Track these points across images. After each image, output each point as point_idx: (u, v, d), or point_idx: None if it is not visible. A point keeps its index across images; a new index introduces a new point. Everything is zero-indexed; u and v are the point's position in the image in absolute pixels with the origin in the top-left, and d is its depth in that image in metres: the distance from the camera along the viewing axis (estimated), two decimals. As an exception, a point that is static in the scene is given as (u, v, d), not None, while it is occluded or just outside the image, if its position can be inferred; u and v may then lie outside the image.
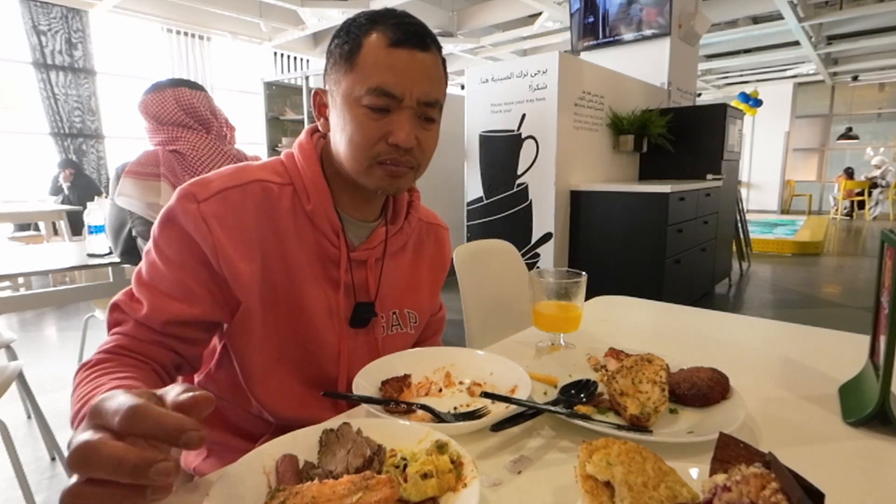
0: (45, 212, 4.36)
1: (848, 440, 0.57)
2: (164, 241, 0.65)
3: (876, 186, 10.10)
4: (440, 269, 0.90)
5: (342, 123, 0.67)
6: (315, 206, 0.70)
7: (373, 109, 0.65)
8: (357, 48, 0.65)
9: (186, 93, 1.49)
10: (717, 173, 3.80)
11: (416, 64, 0.65)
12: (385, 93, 0.64)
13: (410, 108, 0.66)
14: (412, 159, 0.68)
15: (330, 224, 0.71)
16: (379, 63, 0.64)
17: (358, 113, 0.65)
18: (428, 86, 0.66)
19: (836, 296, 4.25)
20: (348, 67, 0.65)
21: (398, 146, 0.66)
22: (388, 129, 0.65)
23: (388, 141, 0.66)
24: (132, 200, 1.44)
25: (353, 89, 0.65)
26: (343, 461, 0.46)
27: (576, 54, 4.31)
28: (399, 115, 0.65)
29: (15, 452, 1.36)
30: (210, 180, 0.67)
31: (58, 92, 5.63)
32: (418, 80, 0.65)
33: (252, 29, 6.75)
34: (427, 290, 0.86)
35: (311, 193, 0.70)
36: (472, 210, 3.39)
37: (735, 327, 1.01)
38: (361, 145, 0.66)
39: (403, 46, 0.64)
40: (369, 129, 0.65)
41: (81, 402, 0.53)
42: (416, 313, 0.83)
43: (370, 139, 0.66)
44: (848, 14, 6.11)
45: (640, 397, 0.58)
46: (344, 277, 0.72)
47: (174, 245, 0.65)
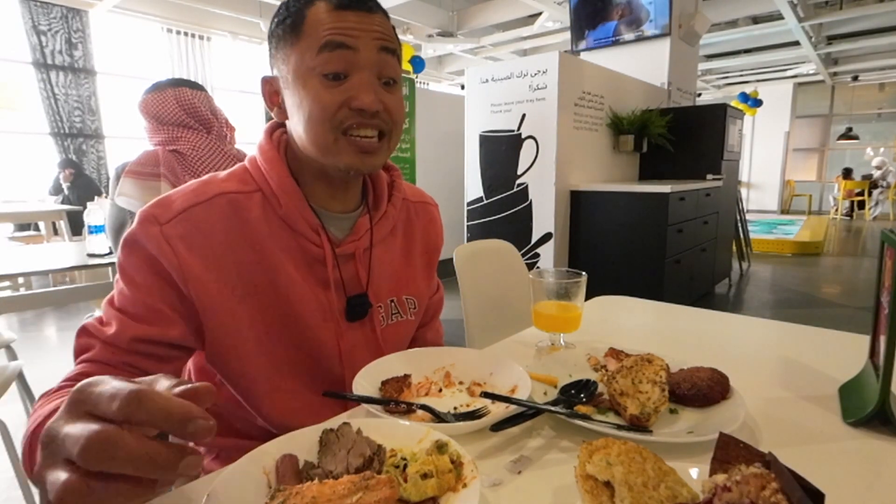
0: (45, 212, 4.36)
1: (848, 440, 0.57)
2: (128, 265, 0.62)
3: (876, 186, 10.10)
4: (433, 248, 0.86)
5: (298, 101, 0.63)
6: (287, 208, 0.67)
7: (328, 76, 0.61)
8: (301, 18, 0.62)
9: (187, 93, 1.49)
10: (717, 173, 3.80)
11: (367, 21, 0.62)
12: (337, 45, 0.60)
13: (368, 66, 0.62)
14: (381, 123, 0.64)
15: (308, 223, 0.68)
16: (326, 23, 0.60)
17: (314, 84, 0.61)
18: (382, 35, 0.62)
19: (836, 296, 4.25)
20: (294, 39, 0.62)
21: (363, 110, 0.61)
22: (348, 94, 0.61)
23: (352, 106, 0.61)
24: (132, 200, 1.44)
25: (304, 59, 0.61)
26: (343, 461, 0.46)
27: (576, 54, 4.31)
28: (358, 76, 0.61)
29: (15, 452, 1.36)
30: (172, 200, 0.64)
31: (58, 92, 5.63)
32: (371, 32, 0.62)
33: (252, 29, 6.75)
34: (422, 273, 0.83)
35: (281, 196, 0.67)
36: (472, 210, 3.39)
37: (735, 327, 1.01)
38: (322, 117, 0.62)
39: (349, 9, 0.61)
40: (328, 97, 0.61)
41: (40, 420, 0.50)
42: (414, 299, 0.81)
43: (330, 108, 0.61)
44: (848, 14, 6.11)
45: (640, 397, 0.58)
46: (332, 275, 0.69)
47: (139, 268, 0.62)
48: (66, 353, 2.95)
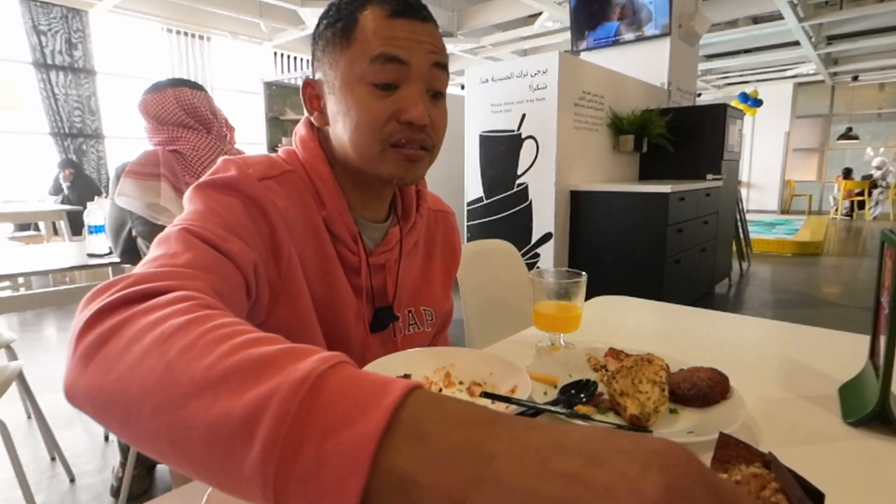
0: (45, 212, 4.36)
1: (848, 440, 0.57)
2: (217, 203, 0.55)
3: (876, 186, 10.10)
4: (452, 259, 0.85)
5: (344, 109, 0.61)
6: (331, 210, 0.64)
7: (379, 87, 0.59)
8: (353, 23, 0.59)
9: (187, 93, 1.49)
10: (717, 173, 3.80)
11: (421, 31, 0.60)
12: (391, 58, 0.58)
13: (420, 80, 0.60)
14: (426, 138, 0.62)
15: (347, 229, 0.65)
16: (380, 32, 0.58)
17: (362, 93, 0.59)
18: (435, 49, 0.61)
19: (836, 296, 4.25)
20: (345, 44, 0.60)
21: (412, 123, 0.60)
22: (397, 105, 0.60)
23: (400, 119, 0.60)
24: (132, 200, 1.44)
25: (354, 66, 0.59)
26: (343, 461, 0.46)
27: (576, 54, 4.31)
28: (409, 88, 0.60)
29: (15, 452, 1.36)
30: (252, 162, 0.61)
31: (58, 92, 5.63)
32: (424, 45, 0.60)
33: (252, 29, 6.75)
34: (441, 284, 0.82)
35: (326, 198, 0.64)
36: (472, 210, 3.39)
37: (735, 327, 1.01)
38: (371, 127, 0.60)
39: (403, 17, 0.59)
40: (377, 107, 0.59)
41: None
42: (431, 310, 0.80)
43: (379, 119, 0.60)
44: (848, 14, 6.11)
45: (640, 397, 0.58)
46: (365, 284, 0.68)
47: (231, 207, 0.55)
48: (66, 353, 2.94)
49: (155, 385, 0.30)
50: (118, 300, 0.37)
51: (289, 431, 0.25)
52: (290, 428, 0.25)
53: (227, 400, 0.27)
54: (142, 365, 0.31)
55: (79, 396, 0.34)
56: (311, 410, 0.25)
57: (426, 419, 0.24)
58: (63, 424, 2.11)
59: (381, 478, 0.23)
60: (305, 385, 0.26)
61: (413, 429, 0.24)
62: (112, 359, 0.33)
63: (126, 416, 0.31)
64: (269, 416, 0.25)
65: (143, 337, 0.33)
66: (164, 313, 0.35)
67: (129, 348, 0.33)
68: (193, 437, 0.28)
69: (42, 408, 1.74)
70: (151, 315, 0.35)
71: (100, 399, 0.32)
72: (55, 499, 1.66)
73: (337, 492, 0.23)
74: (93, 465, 1.83)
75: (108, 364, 0.33)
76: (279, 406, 0.25)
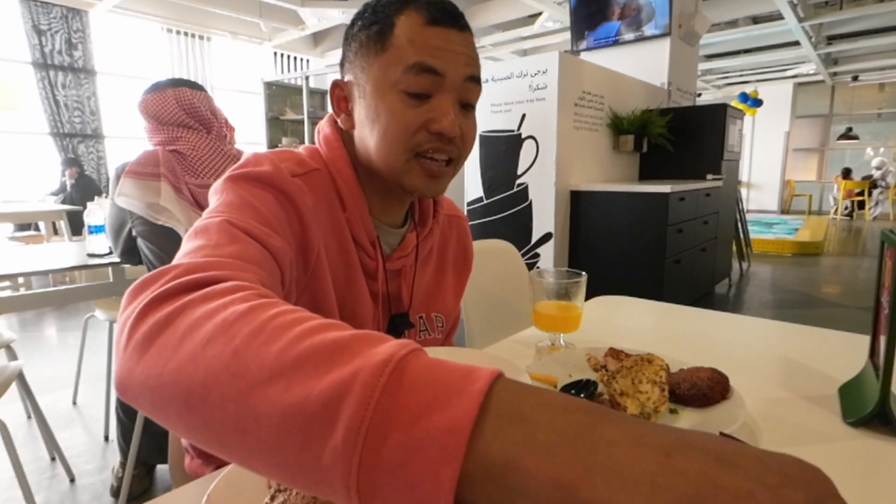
0: (45, 212, 4.36)
1: (848, 440, 0.57)
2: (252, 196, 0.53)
3: (876, 187, 10.10)
4: (464, 265, 0.85)
5: (374, 115, 0.60)
6: (352, 212, 0.63)
7: (411, 95, 0.58)
8: (389, 27, 0.58)
9: (187, 93, 1.49)
10: (717, 173, 3.80)
11: (457, 41, 0.59)
12: (426, 69, 0.57)
13: (453, 91, 0.59)
14: (454, 150, 0.62)
15: (367, 232, 0.65)
16: (416, 40, 0.57)
17: (393, 100, 0.58)
18: (470, 62, 0.60)
19: (836, 296, 4.25)
20: (379, 49, 0.59)
21: (442, 134, 0.59)
22: (429, 115, 0.58)
23: (431, 129, 0.59)
24: (132, 200, 1.44)
25: (388, 72, 0.58)
26: (343, 461, 0.46)
27: (576, 54, 4.31)
28: (441, 99, 0.59)
29: (15, 452, 1.36)
30: (282, 157, 0.60)
31: (58, 92, 5.63)
32: (460, 56, 0.59)
33: (252, 29, 6.75)
34: (453, 290, 0.82)
35: (347, 198, 0.63)
36: (472, 210, 3.39)
37: (735, 327, 1.01)
38: (400, 136, 0.59)
39: (441, 25, 0.58)
40: (408, 116, 0.58)
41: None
42: (442, 317, 0.79)
43: (409, 128, 0.58)
44: (848, 14, 6.11)
45: (640, 397, 0.58)
46: (381, 289, 0.67)
47: (266, 201, 0.54)
48: (66, 353, 2.95)
49: (221, 372, 0.28)
50: (172, 289, 0.35)
51: (374, 416, 0.23)
52: (374, 412, 0.23)
53: (304, 385, 0.25)
54: (205, 352, 0.29)
55: (133, 387, 0.31)
56: (397, 394, 0.23)
57: (524, 403, 0.23)
58: (63, 424, 2.11)
59: (479, 464, 0.21)
60: (388, 368, 0.24)
61: (511, 412, 0.22)
62: (171, 347, 0.31)
63: (188, 407, 0.29)
64: (352, 400, 0.24)
65: (203, 324, 0.31)
66: (223, 301, 0.33)
67: (189, 336, 0.31)
68: (265, 426, 0.26)
69: (42, 408, 1.74)
70: (210, 303, 0.33)
71: (158, 389, 0.30)
72: (55, 499, 1.66)
73: (430, 481, 0.21)
74: (93, 465, 1.83)
75: (167, 353, 0.31)
76: (362, 389, 0.24)
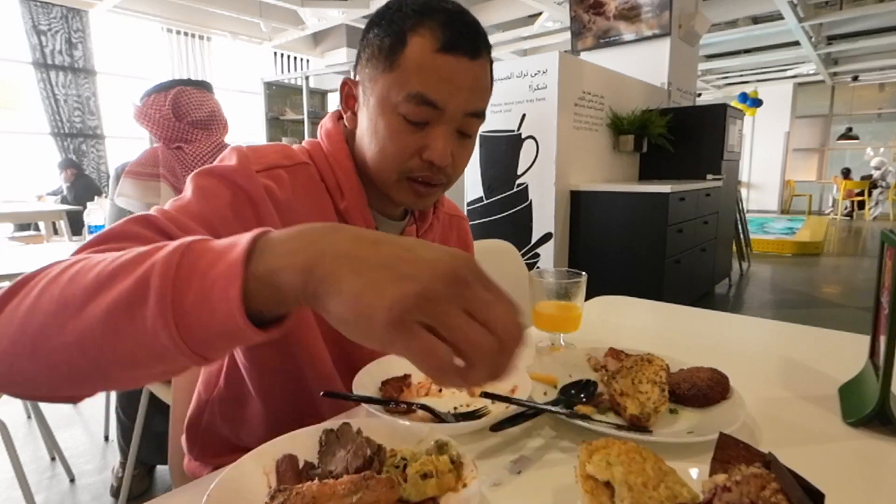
0: (45, 212, 4.36)
1: (848, 440, 0.57)
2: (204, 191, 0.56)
3: (876, 187, 10.10)
4: None
5: (374, 128, 0.62)
6: (349, 204, 0.65)
7: (410, 121, 0.59)
8: (400, 46, 0.58)
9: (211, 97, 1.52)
10: (717, 173, 3.80)
11: (464, 74, 0.59)
12: (426, 101, 0.58)
13: (451, 122, 0.60)
14: (443, 177, 0.63)
15: (365, 224, 0.66)
16: (423, 68, 0.57)
17: (393, 121, 0.60)
18: (473, 97, 0.61)
19: (836, 296, 4.25)
20: (387, 66, 0.59)
21: (433, 163, 0.60)
22: (423, 142, 0.60)
23: (423, 156, 0.60)
24: (132, 201, 1.44)
25: (391, 93, 0.59)
26: (343, 461, 0.46)
27: (576, 54, 4.31)
28: (438, 128, 0.60)
29: (15, 452, 1.36)
30: (262, 151, 0.62)
31: (58, 92, 5.64)
32: (464, 91, 0.59)
33: (252, 29, 6.76)
34: None
35: (346, 190, 0.65)
36: (472, 210, 3.39)
37: (735, 327, 1.01)
38: (394, 157, 0.61)
39: (453, 53, 0.58)
40: (404, 141, 0.60)
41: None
42: None
43: (404, 152, 0.60)
44: (848, 14, 6.11)
45: (640, 397, 0.58)
46: None
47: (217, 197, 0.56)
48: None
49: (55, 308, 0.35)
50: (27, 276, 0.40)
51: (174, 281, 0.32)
52: (174, 278, 0.32)
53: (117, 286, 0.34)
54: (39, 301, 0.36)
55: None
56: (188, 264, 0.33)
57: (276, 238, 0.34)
58: (63, 424, 2.11)
59: (252, 279, 0.32)
60: (178, 251, 0.34)
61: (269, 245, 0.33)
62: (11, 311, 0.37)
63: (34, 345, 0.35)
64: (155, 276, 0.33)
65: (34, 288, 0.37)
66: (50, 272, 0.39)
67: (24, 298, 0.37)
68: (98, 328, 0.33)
69: (42, 408, 1.74)
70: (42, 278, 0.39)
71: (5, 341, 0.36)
72: (55, 499, 1.66)
73: (224, 302, 0.31)
74: (93, 465, 1.83)
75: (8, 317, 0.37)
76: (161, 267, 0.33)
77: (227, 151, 0.61)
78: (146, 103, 1.47)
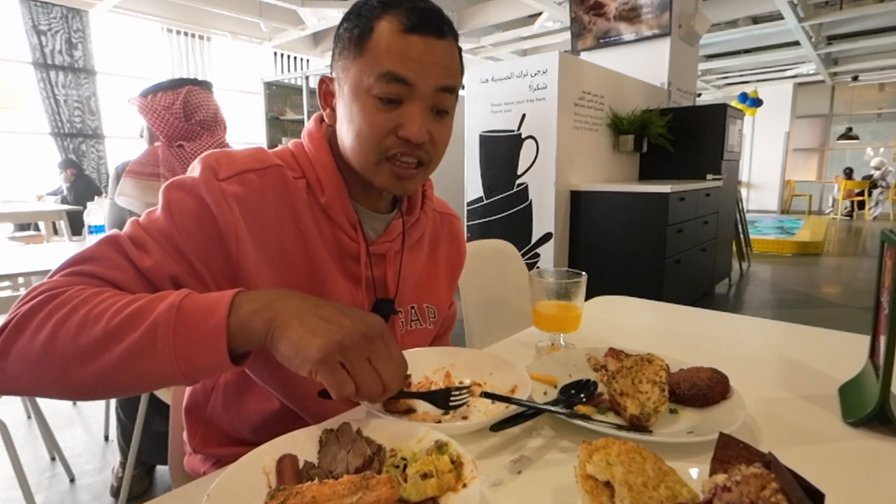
0: (45, 212, 4.36)
1: (848, 440, 0.57)
2: (170, 206, 0.59)
3: (876, 187, 10.10)
4: (456, 261, 0.87)
5: (349, 115, 0.63)
6: (330, 198, 0.67)
7: (383, 100, 0.61)
8: (367, 32, 0.61)
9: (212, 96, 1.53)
10: (717, 173, 3.80)
11: (432, 52, 0.61)
12: (396, 78, 0.60)
13: (423, 99, 0.62)
14: (423, 154, 0.64)
15: (346, 217, 0.68)
16: (391, 48, 0.59)
17: (367, 104, 0.61)
18: (443, 72, 0.62)
19: (836, 296, 4.25)
20: (357, 53, 0.61)
21: (409, 140, 0.62)
22: (398, 121, 0.61)
23: (399, 134, 0.62)
24: (132, 200, 1.44)
25: (362, 77, 0.61)
26: (343, 461, 0.46)
27: (576, 54, 4.31)
28: (411, 106, 0.61)
29: (15, 452, 1.36)
30: (234, 157, 0.63)
31: (58, 92, 5.63)
32: (433, 67, 0.61)
33: (252, 29, 6.75)
34: (444, 284, 0.84)
35: (325, 185, 0.67)
36: (472, 210, 3.39)
37: (735, 327, 1.01)
38: (370, 139, 0.62)
39: (418, 33, 0.60)
40: (378, 121, 0.61)
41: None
42: (434, 307, 0.81)
43: (379, 132, 0.62)
44: (848, 14, 6.11)
45: (640, 397, 0.58)
46: (364, 272, 0.70)
47: (184, 213, 0.59)
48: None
49: (71, 352, 0.47)
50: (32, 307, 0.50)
51: (174, 336, 0.47)
52: (174, 334, 0.47)
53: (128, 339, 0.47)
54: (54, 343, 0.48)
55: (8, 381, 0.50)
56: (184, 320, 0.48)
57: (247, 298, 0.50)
58: (63, 424, 2.11)
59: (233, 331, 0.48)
60: (173, 309, 0.48)
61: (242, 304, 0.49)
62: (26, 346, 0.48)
63: (58, 376, 0.48)
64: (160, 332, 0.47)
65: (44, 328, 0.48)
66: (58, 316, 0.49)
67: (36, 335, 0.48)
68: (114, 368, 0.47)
69: (42, 408, 1.74)
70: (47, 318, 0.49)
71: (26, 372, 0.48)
72: (55, 499, 1.66)
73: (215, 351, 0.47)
74: (93, 465, 1.83)
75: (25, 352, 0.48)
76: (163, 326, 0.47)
77: (196, 161, 0.63)
78: (154, 99, 1.47)
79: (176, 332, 0.47)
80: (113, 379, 0.47)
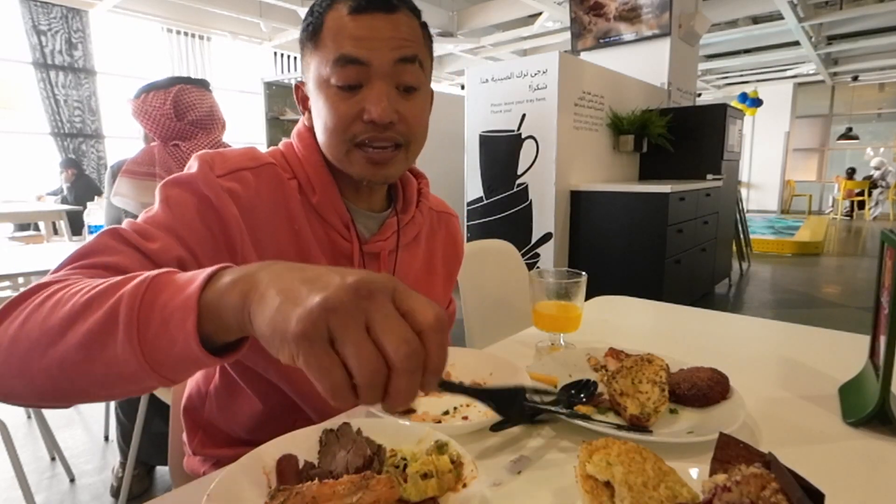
0: (45, 212, 4.36)
1: (848, 440, 0.57)
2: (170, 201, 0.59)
3: (876, 187, 10.10)
4: (454, 260, 0.87)
5: (317, 110, 0.63)
6: (321, 197, 0.66)
7: (343, 88, 0.60)
8: (319, 26, 0.61)
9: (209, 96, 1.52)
10: (717, 173, 3.80)
11: (382, 26, 0.60)
12: (350, 60, 0.59)
13: (383, 77, 0.60)
14: (396, 136, 0.63)
15: (339, 216, 0.67)
16: (340, 33, 0.59)
17: (328, 94, 0.61)
18: (398, 44, 0.60)
19: (836, 296, 4.25)
20: (313, 47, 0.62)
21: (374, 122, 0.60)
22: (361, 105, 0.60)
23: (364, 119, 0.61)
24: (128, 200, 1.44)
25: (321, 69, 0.61)
26: (343, 461, 0.46)
27: (576, 54, 4.31)
28: (371, 87, 0.60)
29: (15, 452, 1.36)
30: (227, 156, 0.63)
31: (58, 92, 5.63)
32: (386, 42, 0.59)
33: (252, 29, 6.75)
34: (441, 283, 0.83)
35: (316, 185, 0.66)
36: (472, 210, 3.39)
37: (735, 327, 1.01)
38: (337, 128, 0.62)
39: (365, 12, 0.59)
40: (342, 109, 0.61)
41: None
42: None
43: (344, 120, 0.61)
44: (848, 14, 6.11)
45: (640, 397, 0.58)
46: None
47: (185, 206, 0.58)
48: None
49: (37, 335, 0.40)
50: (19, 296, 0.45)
51: (139, 313, 0.37)
52: (139, 310, 0.37)
53: (91, 317, 0.39)
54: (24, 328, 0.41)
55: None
56: (151, 296, 0.38)
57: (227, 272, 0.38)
58: (63, 424, 2.11)
59: (204, 310, 0.36)
60: (144, 283, 0.39)
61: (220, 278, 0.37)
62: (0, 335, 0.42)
63: (20, 367, 0.41)
64: (123, 308, 0.38)
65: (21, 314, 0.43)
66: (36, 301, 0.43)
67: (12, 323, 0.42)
68: (75, 355, 0.38)
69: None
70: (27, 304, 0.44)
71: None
72: (55, 499, 1.66)
73: (181, 331, 0.36)
74: (93, 465, 1.83)
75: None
76: (128, 299, 0.38)
77: (192, 159, 0.62)
78: (145, 100, 1.47)
79: (140, 309, 0.37)
80: (76, 372, 0.39)
